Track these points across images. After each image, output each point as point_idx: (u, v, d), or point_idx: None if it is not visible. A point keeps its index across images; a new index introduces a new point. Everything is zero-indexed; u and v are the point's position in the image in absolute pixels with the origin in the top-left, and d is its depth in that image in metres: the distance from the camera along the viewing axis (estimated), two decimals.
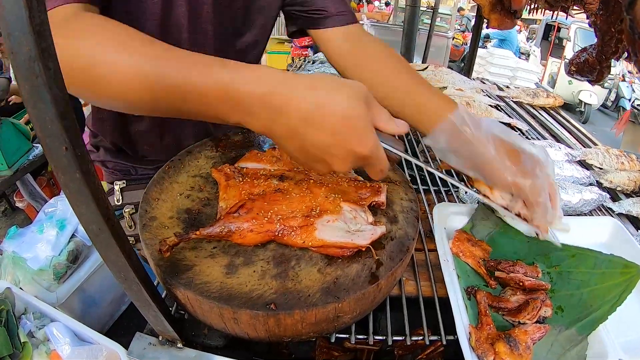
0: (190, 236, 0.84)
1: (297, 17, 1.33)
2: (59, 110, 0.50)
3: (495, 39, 12.03)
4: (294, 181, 1.02)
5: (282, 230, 0.88)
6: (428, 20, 4.83)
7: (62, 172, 0.55)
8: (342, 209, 0.94)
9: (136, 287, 0.74)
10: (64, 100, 0.51)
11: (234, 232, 0.86)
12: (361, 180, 1.08)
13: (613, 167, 1.87)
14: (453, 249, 1.13)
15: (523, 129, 2.23)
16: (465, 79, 2.71)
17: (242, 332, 0.82)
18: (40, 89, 0.48)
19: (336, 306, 0.78)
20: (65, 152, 0.53)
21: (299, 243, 0.88)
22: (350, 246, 0.87)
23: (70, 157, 0.54)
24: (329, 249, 0.87)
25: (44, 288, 2.56)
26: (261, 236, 0.88)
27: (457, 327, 0.93)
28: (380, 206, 1.03)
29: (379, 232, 0.91)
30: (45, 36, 0.47)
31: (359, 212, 0.96)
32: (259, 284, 0.79)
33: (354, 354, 1.16)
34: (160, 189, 1.02)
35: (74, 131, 0.53)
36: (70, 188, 0.57)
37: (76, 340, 1.95)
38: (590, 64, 1.59)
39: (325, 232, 0.88)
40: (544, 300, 0.98)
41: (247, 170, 1.07)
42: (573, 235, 1.11)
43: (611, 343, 0.92)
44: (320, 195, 0.98)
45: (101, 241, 0.65)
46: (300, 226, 0.89)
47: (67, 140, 0.52)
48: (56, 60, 0.50)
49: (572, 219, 1.37)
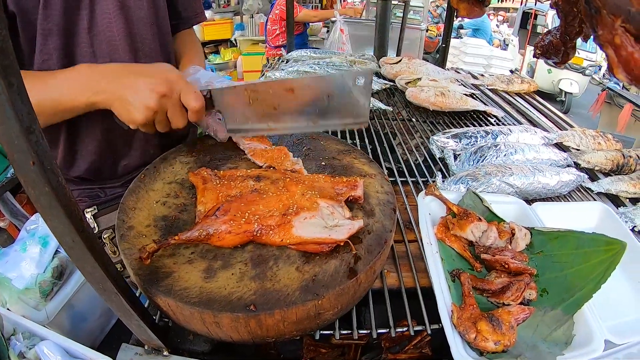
0: (169, 242, 0.84)
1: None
2: (24, 126, 0.50)
3: (469, 29, 12.06)
4: (270, 180, 1.03)
5: (260, 230, 0.89)
6: (401, 14, 4.85)
7: (32, 186, 0.55)
8: (319, 206, 0.95)
9: (116, 298, 0.74)
10: (29, 115, 0.51)
11: (212, 235, 0.87)
12: (337, 177, 1.09)
13: (590, 148, 1.90)
14: (438, 234, 1.14)
15: (499, 115, 2.25)
16: (439, 70, 2.73)
17: (225, 335, 0.82)
18: (4, 105, 0.48)
19: (316, 303, 0.79)
20: (33, 166, 0.53)
21: (277, 242, 0.88)
22: (328, 241, 0.87)
23: (39, 172, 0.53)
24: (308, 246, 0.88)
25: (32, 307, 2.53)
26: (240, 237, 0.88)
27: (439, 306, 0.94)
28: (357, 200, 1.04)
29: (356, 226, 0.92)
30: (7, 53, 0.47)
31: (336, 208, 0.97)
32: (238, 286, 0.79)
33: (342, 350, 1.17)
34: (137, 197, 1.01)
35: (42, 146, 0.53)
36: (42, 202, 0.57)
37: (67, 357, 1.93)
38: (555, 46, 1.60)
39: (303, 229, 0.89)
40: (529, 283, 0.99)
41: (223, 173, 1.08)
42: (562, 222, 1.13)
43: (597, 325, 0.93)
44: (296, 193, 0.99)
45: (76, 253, 0.65)
46: (278, 225, 0.89)
47: (35, 154, 0.52)
48: (19, 77, 0.49)
49: (560, 205, 1.39)
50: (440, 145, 1.76)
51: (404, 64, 2.70)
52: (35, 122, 0.52)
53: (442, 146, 1.75)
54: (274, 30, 6.00)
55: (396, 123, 2.13)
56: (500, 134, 1.83)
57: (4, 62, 0.47)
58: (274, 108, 1.13)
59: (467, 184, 1.41)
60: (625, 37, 0.92)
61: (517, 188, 1.44)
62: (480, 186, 1.41)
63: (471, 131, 1.83)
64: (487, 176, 1.44)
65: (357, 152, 1.28)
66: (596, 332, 0.91)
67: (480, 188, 1.40)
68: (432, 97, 2.23)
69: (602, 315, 0.96)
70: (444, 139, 1.78)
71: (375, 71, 2.81)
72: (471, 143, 1.77)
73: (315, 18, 6.40)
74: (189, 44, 1.55)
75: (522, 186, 1.45)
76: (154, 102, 1.02)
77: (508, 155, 1.64)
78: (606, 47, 0.97)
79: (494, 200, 1.26)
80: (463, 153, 1.68)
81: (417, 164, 1.70)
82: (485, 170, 1.47)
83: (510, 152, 1.65)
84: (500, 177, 1.43)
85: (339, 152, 1.26)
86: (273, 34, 6.02)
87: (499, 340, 0.86)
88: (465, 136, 1.80)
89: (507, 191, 1.43)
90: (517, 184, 1.44)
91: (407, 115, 2.25)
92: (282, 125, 1.16)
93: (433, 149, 1.77)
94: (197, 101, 1.08)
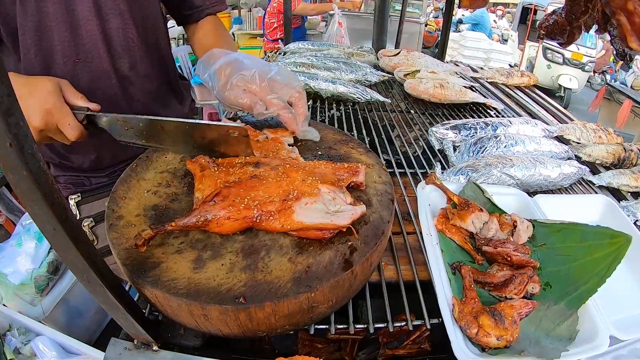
0: (166, 228, 0.82)
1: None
2: (3, 108, 0.48)
3: (468, 24, 12.05)
4: (270, 167, 1.00)
5: (260, 216, 0.86)
6: (399, 7, 4.83)
7: (11, 171, 0.53)
8: (320, 191, 0.92)
9: (100, 289, 0.71)
10: (9, 97, 0.48)
11: (211, 221, 0.84)
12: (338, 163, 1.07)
13: (591, 141, 1.88)
14: (438, 225, 1.11)
15: (499, 107, 2.22)
16: (438, 62, 2.71)
17: (214, 329, 0.79)
18: None
19: (309, 296, 0.76)
20: (10, 148, 0.50)
21: (277, 227, 0.85)
22: (330, 227, 0.85)
23: (16, 154, 0.51)
24: (309, 232, 0.85)
25: (27, 302, 2.51)
26: (239, 223, 0.85)
27: (439, 299, 0.91)
28: (359, 187, 1.02)
29: (359, 211, 0.90)
30: None
31: (337, 193, 0.94)
32: (228, 277, 0.77)
33: (338, 345, 1.15)
34: (128, 187, 0.99)
35: (22, 129, 0.51)
36: (21, 187, 0.55)
37: (63, 352, 1.92)
38: (560, 25, 1.56)
39: (304, 214, 0.86)
40: (532, 276, 0.96)
41: (221, 160, 1.04)
42: (564, 214, 1.10)
43: (602, 321, 0.90)
44: (297, 179, 0.96)
45: (58, 242, 0.62)
46: (279, 210, 0.87)
47: (12, 136, 0.50)
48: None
49: (563, 198, 1.37)
50: (440, 136, 1.73)
51: (403, 56, 2.68)
52: (16, 105, 0.50)
53: (441, 138, 1.72)
54: (271, 24, 5.99)
55: (394, 115, 2.10)
56: (500, 125, 1.81)
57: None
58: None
59: (467, 175, 1.39)
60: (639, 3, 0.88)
61: (517, 180, 1.41)
62: (480, 177, 1.38)
63: (471, 123, 1.81)
64: (487, 167, 1.41)
65: (354, 141, 1.25)
66: (601, 328, 0.88)
67: (480, 179, 1.37)
68: (430, 88, 2.20)
69: (607, 310, 0.93)
70: (443, 130, 1.75)
71: (374, 63, 2.78)
72: (471, 134, 1.75)
73: (313, 11, 6.39)
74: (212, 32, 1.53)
75: (523, 178, 1.42)
76: (34, 132, 1.00)
77: (508, 147, 1.62)
78: (618, 14, 0.93)
79: (495, 191, 1.23)
80: (463, 144, 1.66)
81: (416, 155, 1.68)
82: (485, 162, 1.44)
83: (510, 144, 1.63)
84: (501, 169, 1.41)
85: (336, 141, 1.23)
86: (271, 27, 6.01)
87: (502, 336, 0.83)
88: (465, 127, 1.77)
89: (508, 182, 1.40)
90: (518, 176, 1.41)
91: (406, 107, 2.22)
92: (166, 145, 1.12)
93: (432, 141, 1.74)
94: (73, 131, 1.04)
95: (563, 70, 10.06)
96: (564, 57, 10.04)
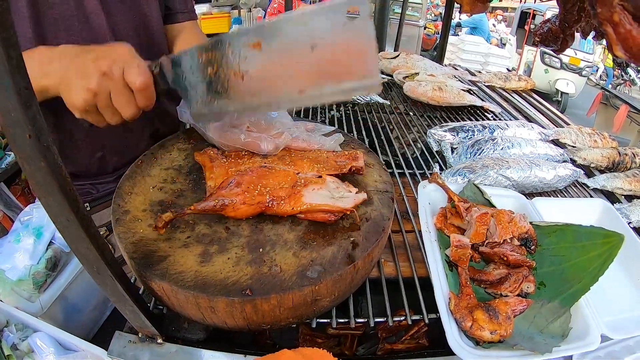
0: (185, 211, 0.86)
1: None
2: (22, 99, 0.50)
3: (467, 27, 12.07)
4: (277, 157, 1.07)
5: (272, 202, 0.91)
6: (399, 10, 4.85)
7: (27, 162, 0.55)
8: (325, 180, 0.98)
9: (110, 281, 0.73)
10: (27, 89, 0.50)
11: (227, 206, 0.89)
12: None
13: (586, 145, 1.90)
14: (437, 224, 1.14)
15: (496, 111, 2.25)
16: (437, 65, 2.73)
17: (220, 321, 0.81)
18: (2, 77, 0.48)
19: (313, 289, 0.78)
20: (29, 139, 0.52)
21: (288, 210, 0.91)
22: (335, 210, 0.90)
23: (34, 145, 0.53)
24: (316, 214, 0.91)
25: (25, 298, 2.51)
26: (253, 208, 0.90)
27: (436, 293, 0.94)
28: (359, 172, 1.06)
29: (361, 197, 0.96)
30: (7, 26, 0.47)
31: (340, 184, 0.99)
32: (234, 270, 0.79)
33: (338, 340, 1.16)
34: (133, 183, 1.01)
35: (39, 122, 0.53)
36: (36, 178, 0.57)
37: (60, 349, 1.92)
38: (554, 33, 1.61)
39: (311, 197, 0.92)
40: (527, 275, 0.99)
41: (229, 152, 1.09)
42: (562, 218, 1.12)
43: (594, 319, 0.92)
44: (304, 168, 1.03)
45: (70, 233, 0.64)
46: (289, 195, 0.92)
47: (31, 128, 0.52)
48: (18, 50, 0.49)
49: (560, 201, 1.39)
50: (438, 138, 1.76)
51: (402, 58, 2.70)
52: (34, 99, 0.52)
53: (440, 139, 1.75)
54: None
55: (393, 116, 2.12)
56: (498, 128, 1.83)
57: (3, 34, 0.46)
58: (241, 77, 0.89)
59: (465, 176, 1.41)
60: (624, 15, 0.93)
61: (514, 181, 1.44)
62: (477, 178, 1.41)
63: (468, 125, 1.84)
64: (484, 169, 1.44)
65: (355, 142, 1.27)
66: (593, 326, 0.90)
67: (477, 180, 1.40)
68: (429, 91, 2.22)
69: (600, 311, 0.95)
70: (441, 132, 1.78)
71: None
72: (468, 137, 1.77)
73: None
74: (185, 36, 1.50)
75: (519, 179, 1.45)
76: (93, 82, 0.88)
77: (505, 149, 1.65)
78: (605, 24, 0.98)
79: (494, 193, 1.25)
80: (460, 146, 1.68)
81: (415, 157, 1.70)
82: (482, 163, 1.47)
83: (507, 146, 1.66)
84: (498, 170, 1.43)
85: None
86: None
87: (495, 330, 0.86)
88: (463, 130, 1.80)
89: (504, 184, 1.43)
90: (514, 177, 1.44)
91: (405, 109, 2.24)
92: (254, 102, 0.92)
93: (430, 142, 1.77)
94: (140, 75, 0.91)
95: (560, 74, 10.06)
96: (562, 61, 10.06)
